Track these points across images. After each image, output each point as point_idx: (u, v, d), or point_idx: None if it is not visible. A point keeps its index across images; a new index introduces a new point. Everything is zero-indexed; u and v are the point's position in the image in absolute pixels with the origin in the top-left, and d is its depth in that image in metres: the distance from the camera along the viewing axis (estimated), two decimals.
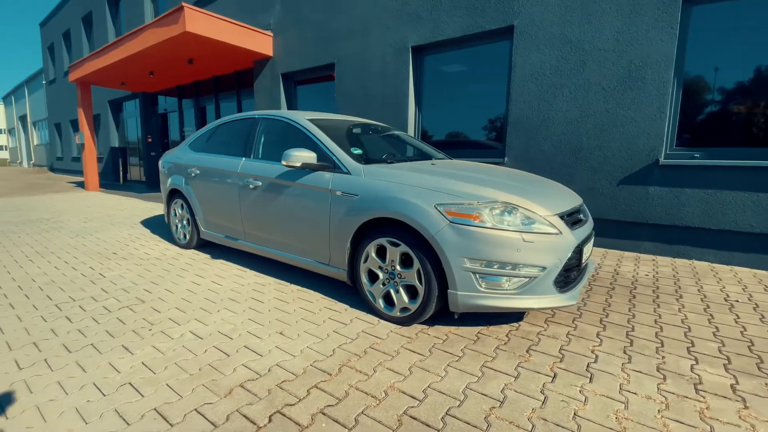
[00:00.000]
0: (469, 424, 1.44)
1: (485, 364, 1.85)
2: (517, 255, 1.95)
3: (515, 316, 2.40)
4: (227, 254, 3.79)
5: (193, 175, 3.72)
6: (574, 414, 1.49)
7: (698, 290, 2.84)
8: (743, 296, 2.72)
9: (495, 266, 1.96)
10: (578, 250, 2.14)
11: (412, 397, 1.60)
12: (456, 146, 5.28)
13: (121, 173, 12.76)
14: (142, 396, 1.61)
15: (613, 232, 4.01)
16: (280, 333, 2.17)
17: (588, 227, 2.38)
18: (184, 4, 5.73)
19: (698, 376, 1.76)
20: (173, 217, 4.14)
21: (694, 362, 1.87)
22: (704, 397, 1.60)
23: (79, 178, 14.09)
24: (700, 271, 3.28)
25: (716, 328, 2.24)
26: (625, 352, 1.96)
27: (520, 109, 4.40)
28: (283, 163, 2.55)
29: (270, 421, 1.46)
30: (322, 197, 2.55)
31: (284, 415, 1.49)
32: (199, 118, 9.77)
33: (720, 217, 3.44)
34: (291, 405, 1.55)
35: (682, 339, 2.10)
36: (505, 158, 4.55)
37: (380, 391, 1.63)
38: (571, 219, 2.24)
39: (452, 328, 2.22)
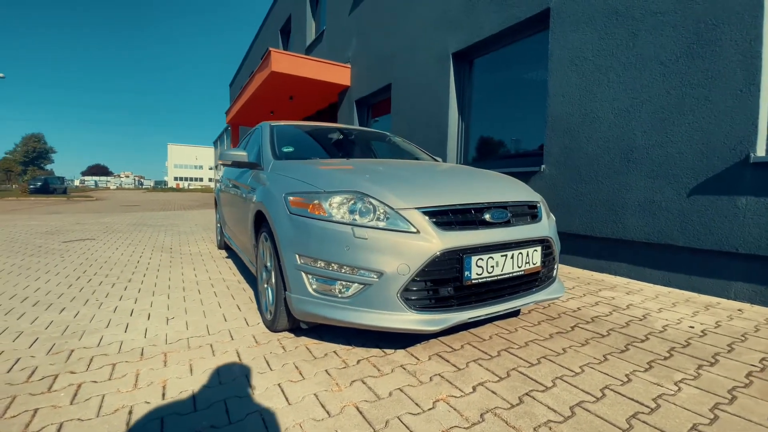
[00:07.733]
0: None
1: (283, 383, 1.50)
2: (346, 254, 1.55)
3: (405, 340, 1.87)
4: (237, 255, 4.17)
5: (219, 184, 4.29)
6: None
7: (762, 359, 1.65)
8: None
9: (331, 267, 1.60)
10: (455, 259, 1.56)
11: (162, 395, 1.42)
12: (495, 158, 4.60)
13: None
14: (13, 342, 1.90)
15: (686, 265, 2.74)
16: (170, 318, 2.25)
17: (504, 234, 1.71)
18: (270, 48, 6.84)
19: None
20: (216, 223, 4.82)
21: None
22: None
23: None
24: None
25: (711, 418, 1.26)
26: (482, 416, 1.29)
27: (559, 105, 3.56)
28: (219, 162, 2.71)
29: (41, 379, 1.52)
30: (244, 192, 2.59)
31: (56, 377, 1.53)
32: None
33: None
34: (73, 373, 1.59)
35: (613, 422, 1.25)
36: (542, 166, 3.71)
37: (146, 383, 1.51)
38: (456, 218, 1.65)
39: (316, 342, 1.88)
